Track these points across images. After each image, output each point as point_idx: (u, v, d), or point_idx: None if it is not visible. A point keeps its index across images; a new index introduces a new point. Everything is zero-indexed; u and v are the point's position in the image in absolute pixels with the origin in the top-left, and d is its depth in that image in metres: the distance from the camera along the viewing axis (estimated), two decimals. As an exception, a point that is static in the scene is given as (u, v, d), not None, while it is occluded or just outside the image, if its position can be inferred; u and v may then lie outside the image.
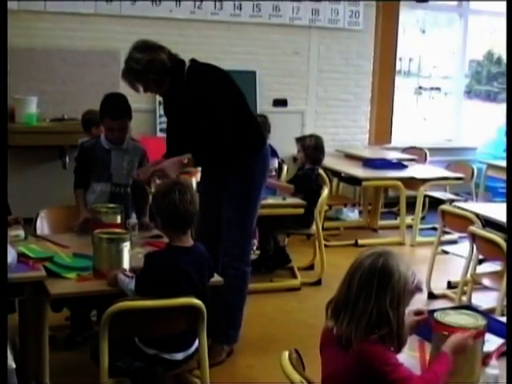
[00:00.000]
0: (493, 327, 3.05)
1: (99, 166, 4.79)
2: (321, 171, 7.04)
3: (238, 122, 4.53)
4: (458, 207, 5.96)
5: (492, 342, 3.00)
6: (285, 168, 7.47)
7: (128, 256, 3.75)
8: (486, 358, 2.86)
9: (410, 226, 7.97)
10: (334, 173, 8.14)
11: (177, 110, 4.59)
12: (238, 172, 4.58)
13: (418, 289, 2.68)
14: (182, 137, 4.59)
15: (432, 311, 2.91)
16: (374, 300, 2.54)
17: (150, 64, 4.36)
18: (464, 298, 5.48)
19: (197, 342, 3.63)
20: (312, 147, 6.65)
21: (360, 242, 7.47)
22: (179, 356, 3.61)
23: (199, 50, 8.16)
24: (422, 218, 8.35)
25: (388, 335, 2.54)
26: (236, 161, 4.56)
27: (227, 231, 4.66)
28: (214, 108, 4.42)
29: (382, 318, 2.54)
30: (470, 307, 3.75)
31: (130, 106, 4.73)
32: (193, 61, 4.57)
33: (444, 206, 6.06)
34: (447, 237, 7.55)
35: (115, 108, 4.71)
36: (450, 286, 6.26)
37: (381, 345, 2.53)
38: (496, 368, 2.62)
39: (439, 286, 6.22)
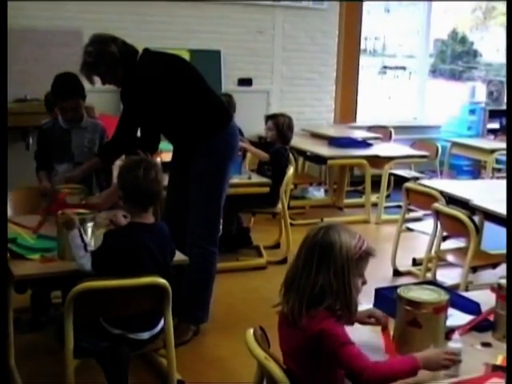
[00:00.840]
0: (456, 302, 3.09)
1: (60, 146, 4.78)
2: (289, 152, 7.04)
3: (197, 104, 4.56)
4: (422, 185, 6.00)
5: (455, 317, 3.03)
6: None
7: (92, 236, 3.73)
8: (450, 332, 2.88)
9: (375, 204, 8.03)
10: (299, 152, 8.15)
11: (130, 99, 4.57)
12: (202, 152, 4.58)
13: (368, 253, 2.64)
14: (137, 124, 4.57)
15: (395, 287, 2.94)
16: (315, 274, 2.55)
17: (100, 56, 4.41)
18: (429, 275, 5.53)
19: (163, 321, 3.63)
20: (286, 125, 6.68)
21: (326, 220, 7.47)
22: (145, 335, 3.61)
23: (163, 30, 8.15)
24: (387, 196, 8.41)
25: (336, 305, 2.55)
26: (199, 141, 4.57)
27: (193, 211, 4.66)
28: (158, 93, 4.44)
29: (326, 291, 2.54)
30: (433, 283, 3.78)
31: (81, 85, 4.71)
32: (145, 50, 4.59)
33: (408, 184, 6.09)
34: (412, 214, 7.62)
35: (65, 88, 4.70)
36: (415, 263, 6.31)
37: (331, 319, 2.53)
38: (458, 342, 2.65)
39: (404, 263, 6.27)
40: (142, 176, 3.54)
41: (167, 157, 5.19)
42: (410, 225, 7.34)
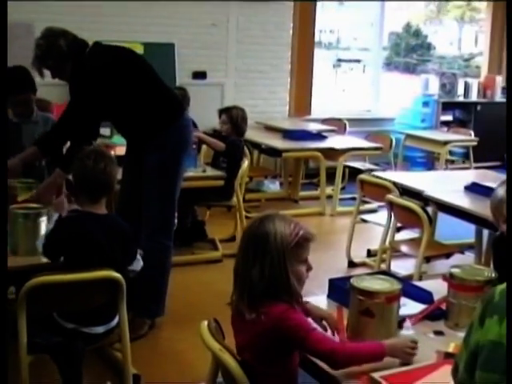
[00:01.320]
0: (409, 292, 3.12)
1: (10, 140, 4.71)
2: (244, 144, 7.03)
3: (148, 96, 4.56)
4: (376, 176, 6.04)
5: (409, 307, 3.07)
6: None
7: (45, 230, 3.70)
8: (402, 321, 2.92)
9: (330, 197, 8.07)
10: (254, 145, 8.15)
11: (77, 91, 4.53)
12: (154, 145, 4.56)
13: (306, 239, 2.62)
14: (80, 116, 4.53)
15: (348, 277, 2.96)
16: (253, 265, 2.55)
17: (47, 50, 4.39)
18: (383, 266, 5.57)
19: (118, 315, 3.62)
20: (240, 118, 6.68)
21: (281, 213, 7.52)
22: (99, 330, 3.59)
23: (116, 23, 8.10)
24: (342, 189, 8.45)
25: (279, 293, 2.55)
26: (150, 134, 4.57)
27: (147, 205, 4.64)
28: (107, 84, 4.42)
29: (265, 281, 2.54)
30: (385, 273, 3.81)
31: (31, 79, 4.68)
32: (95, 43, 4.57)
33: (362, 176, 6.13)
34: (367, 206, 7.68)
35: (14, 83, 4.66)
36: (370, 254, 6.35)
37: (288, 310, 2.54)
38: (410, 329, 2.68)
39: (359, 255, 6.32)
40: (91, 166, 3.56)
41: (121, 151, 5.16)
42: (365, 216, 7.40)
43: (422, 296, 3.14)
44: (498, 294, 1.65)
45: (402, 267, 5.65)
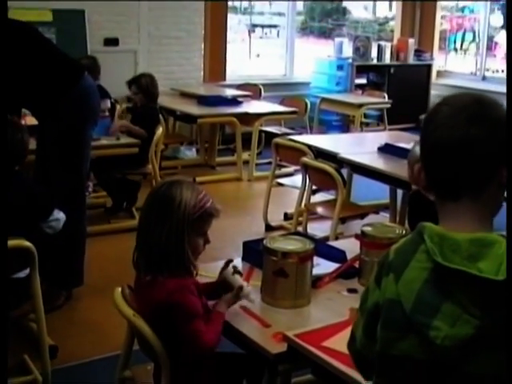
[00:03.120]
0: (323, 252, 3.16)
1: None
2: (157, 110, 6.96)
3: (40, 64, 4.43)
4: (291, 140, 6.07)
5: (322, 266, 3.11)
6: (118, 107, 7.34)
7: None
8: (316, 281, 2.95)
9: (246, 162, 8.08)
10: (169, 111, 8.09)
11: None
12: (51, 116, 4.47)
13: (210, 214, 2.62)
14: None
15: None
16: (153, 227, 2.54)
17: None
18: (300, 228, 5.62)
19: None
20: (150, 85, 6.60)
21: (198, 179, 7.47)
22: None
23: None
24: (259, 154, 8.48)
25: (174, 262, 2.55)
26: (44, 105, 4.47)
27: (53, 177, 4.53)
28: None
29: (162, 246, 2.53)
30: (299, 233, 3.85)
31: None
32: None
33: (277, 139, 6.15)
34: (284, 170, 7.74)
35: None
36: (287, 217, 6.40)
37: (182, 288, 2.52)
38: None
39: (276, 218, 6.36)
40: (10, 137, 3.51)
41: (33, 120, 5.04)
42: (281, 180, 7.45)
43: (336, 255, 3.18)
44: (392, 252, 1.66)
45: (319, 229, 5.72)
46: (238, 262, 3.17)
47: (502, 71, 10.92)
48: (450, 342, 1.48)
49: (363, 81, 10.97)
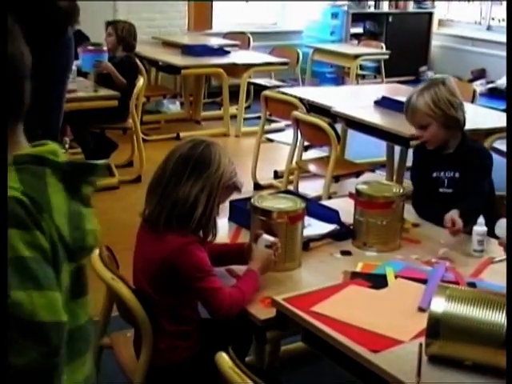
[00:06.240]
0: (315, 212, 3.15)
1: None
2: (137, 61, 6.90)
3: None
4: (282, 92, 6.04)
5: (314, 227, 3.10)
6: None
7: None
8: (308, 242, 2.95)
9: (234, 116, 8.04)
10: (151, 62, 8.04)
11: None
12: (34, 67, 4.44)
13: (236, 188, 2.72)
14: None
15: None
16: (183, 184, 2.56)
17: None
18: (291, 187, 5.61)
19: None
20: (126, 31, 6.55)
21: (182, 134, 7.44)
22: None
23: None
24: (247, 108, 8.44)
25: (192, 223, 2.57)
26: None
27: (30, 134, 4.51)
28: None
29: (188, 204, 2.56)
30: (289, 191, 3.85)
31: None
32: None
33: (267, 92, 6.11)
34: (274, 125, 7.71)
35: None
36: (277, 175, 6.39)
37: (196, 244, 2.56)
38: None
39: (265, 177, 6.34)
40: None
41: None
42: (271, 136, 7.43)
43: (328, 215, 3.17)
44: None
45: (311, 188, 5.72)
46: (224, 221, 3.18)
47: (508, 20, 10.85)
48: None
49: (359, 30, 10.90)
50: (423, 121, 3.41)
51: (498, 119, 5.20)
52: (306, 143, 5.68)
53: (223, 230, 3.04)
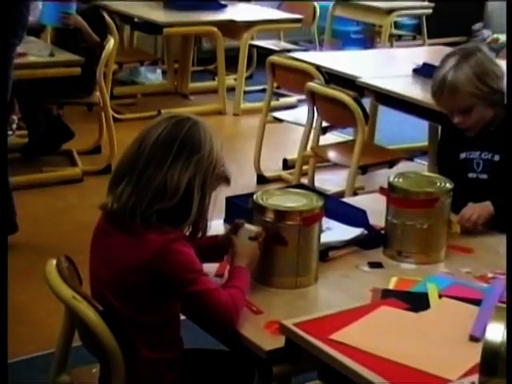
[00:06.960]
0: (336, 211, 3.14)
1: None
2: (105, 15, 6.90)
3: None
4: (294, 58, 6.03)
5: (335, 231, 3.09)
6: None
7: None
8: (327, 251, 2.94)
9: (232, 89, 8.04)
10: (124, 18, 8.06)
11: None
12: None
13: (226, 178, 2.74)
14: None
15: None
16: (167, 171, 2.56)
17: None
18: (305, 180, 5.62)
19: None
20: None
21: (165, 112, 7.47)
22: None
23: None
24: (249, 78, 8.47)
25: (188, 218, 2.59)
26: None
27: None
28: None
29: (179, 195, 2.56)
30: (303, 186, 3.84)
31: None
32: None
33: (274, 57, 6.11)
34: (283, 100, 7.73)
35: None
36: (287, 165, 6.40)
37: (183, 240, 2.57)
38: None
39: (272, 167, 6.36)
40: None
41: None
42: (279, 114, 7.42)
43: (353, 216, 3.16)
44: None
45: (330, 181, 5.74)
46: (219, 223, 3.18)
47: None
48: None
49: (394, -23, 10.90)
50: (467, 102, 3.34)
51: None
52: (324, 124, 5.69)
53: (218, 233, 3.03)
